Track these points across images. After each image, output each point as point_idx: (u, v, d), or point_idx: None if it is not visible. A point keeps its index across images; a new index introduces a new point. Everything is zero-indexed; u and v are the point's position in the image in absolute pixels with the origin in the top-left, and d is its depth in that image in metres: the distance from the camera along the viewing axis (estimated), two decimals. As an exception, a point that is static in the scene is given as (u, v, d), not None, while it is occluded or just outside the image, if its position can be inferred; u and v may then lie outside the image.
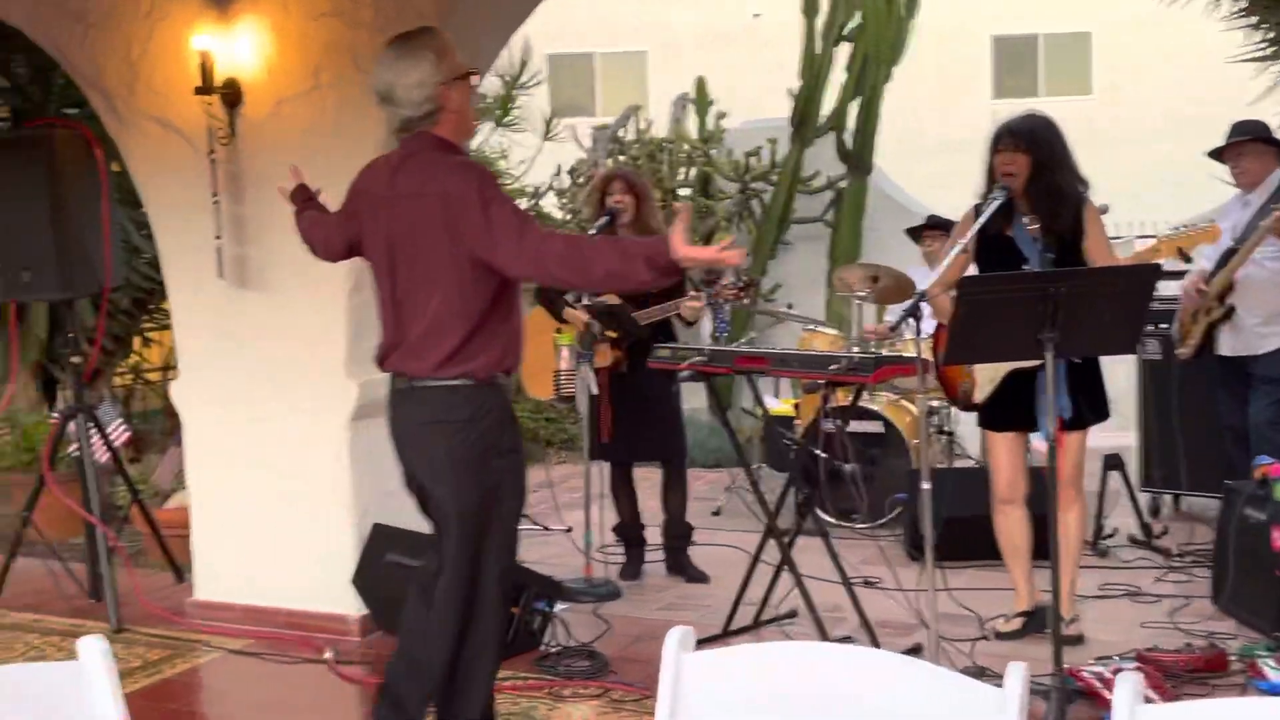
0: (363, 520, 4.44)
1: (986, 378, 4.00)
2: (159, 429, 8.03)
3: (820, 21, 8.59)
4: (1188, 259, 3.88)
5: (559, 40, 18.28)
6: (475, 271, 2.95)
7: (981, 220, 3.76)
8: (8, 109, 7.10)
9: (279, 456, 4.53)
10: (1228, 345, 5.00)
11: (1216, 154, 5.08)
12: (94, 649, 1.60)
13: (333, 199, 4.31)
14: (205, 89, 4.32)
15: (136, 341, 7.89)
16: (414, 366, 3.04)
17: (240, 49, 4.39)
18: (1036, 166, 3.81)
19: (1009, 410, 4.00)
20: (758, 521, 4.57)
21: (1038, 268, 3.72)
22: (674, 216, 2.82)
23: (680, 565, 5.11)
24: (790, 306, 7.86)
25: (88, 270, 4.84)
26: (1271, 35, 6.67)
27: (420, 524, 4.62)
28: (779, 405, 6.85)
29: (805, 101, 8.57)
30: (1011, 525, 4.12)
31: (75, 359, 4.96)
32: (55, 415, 5.30)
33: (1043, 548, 3.81)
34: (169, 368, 8.33)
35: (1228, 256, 4.84)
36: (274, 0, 4.34)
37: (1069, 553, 3.95)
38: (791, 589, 4.15)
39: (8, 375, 6.20)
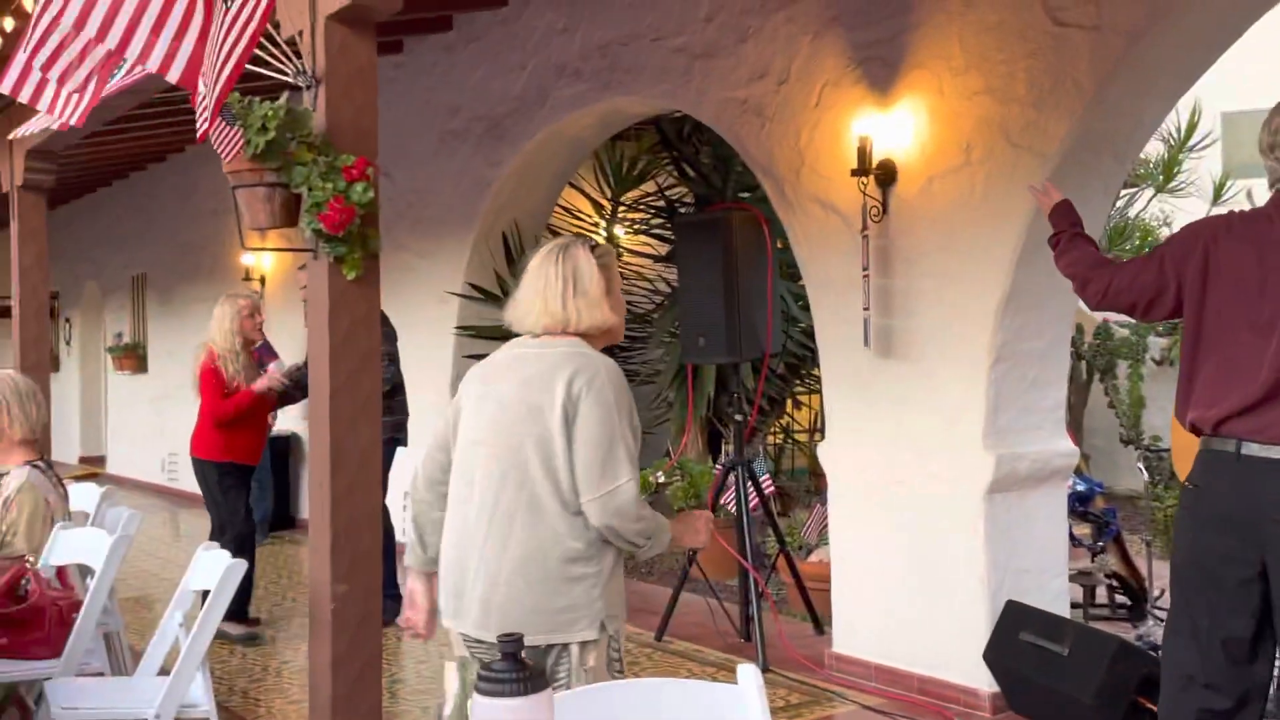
0: (996, 595, 4.39)
1: None
2: (804, 486, 8.60)
3: None
4: None
5: (1236, 96, 16.69)
6: None
7: None
8: (693, 194, 8.12)
9: (916, 522, 4.63)
10: None
11: None
12: (751, 677, 1.78)
13: (969, 273, 4.38)
14: (861, 170, 4.62)
15: (789, 404, 8.53)
16: None
17: (896, 131, 4.62)
18: None
19: None
20: None
21: None
22: None
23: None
24: None
25: (752, 338, 5.37)
26: None
27: (1055, 605, 4.48)
28: None
29: None
30: None
31: (738, 417, 5.52)
32: (718, 466, 5.89)
33: None
34: (815, 430, 8.90)
35: None
36: (931, 83, 4.52)
37: None
38: None
39: (684, 428, 7.04)
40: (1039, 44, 4.16)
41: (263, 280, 9.58)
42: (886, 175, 4.66)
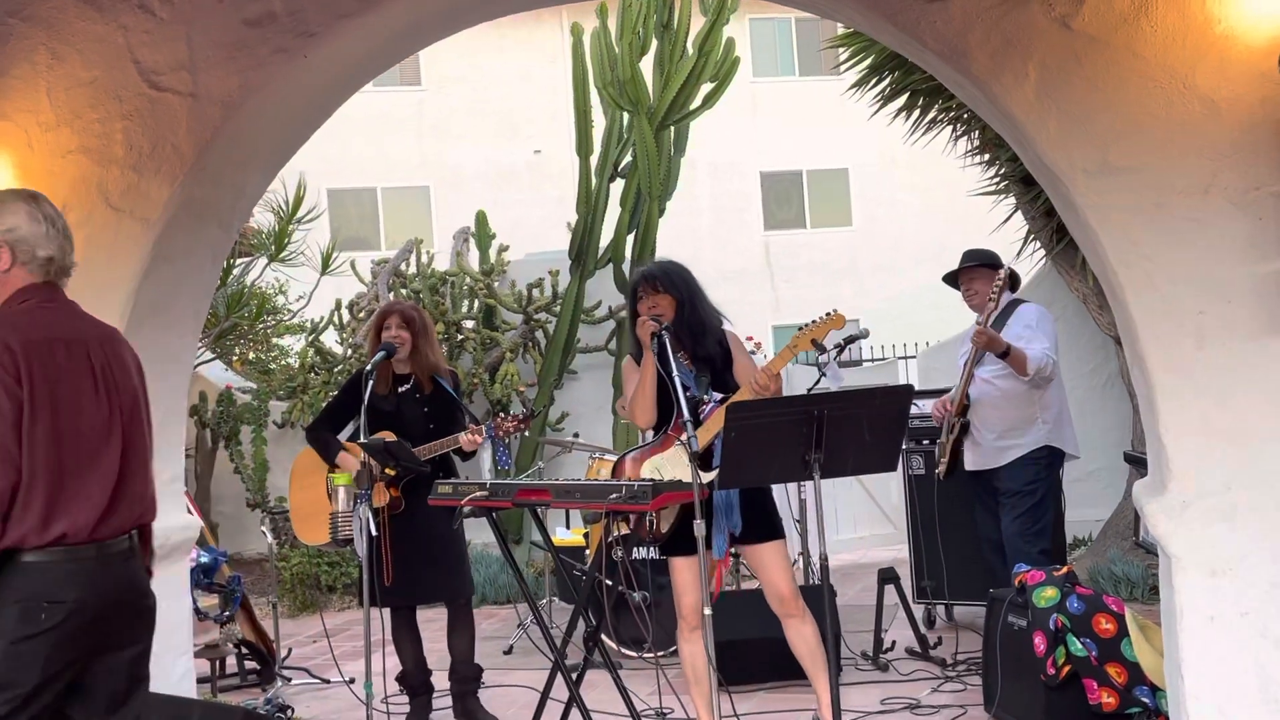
0: None
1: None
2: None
3: (594, 159, 8.86)
4: (823, 349, 4.09)
5: (340, 175, 18.20)
6: None
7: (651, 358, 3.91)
8: None
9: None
10: (971, 460, 5.29)
11: (951, 279, 5.44)
12: None
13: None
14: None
15: None
16: None
17: (-20, 186, 4.14)
18: (679, 305, 4.02)
19: (687, 534, 3.74)
20: (550, 658, 4.46)
21: (696, 392, 3.91)
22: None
23: (468, 710, 4.91)
24: (576, 435, 7.87)
25: None
26: (1003, 171, 7.27)
27: (182, 687, 4.31)
28: (569, 536, 6.78)
29: (583, 234, 8.76)
30: (696, 651, 3.93)
31: None
32: None
33: (798, 666, 3.87)
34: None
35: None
36: (19, 137, 4.13)
37: (819, 666, 3.83)
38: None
39: None
40: (136, 105, 4.03)
41: None
42: (-29, 235, 4.14)
